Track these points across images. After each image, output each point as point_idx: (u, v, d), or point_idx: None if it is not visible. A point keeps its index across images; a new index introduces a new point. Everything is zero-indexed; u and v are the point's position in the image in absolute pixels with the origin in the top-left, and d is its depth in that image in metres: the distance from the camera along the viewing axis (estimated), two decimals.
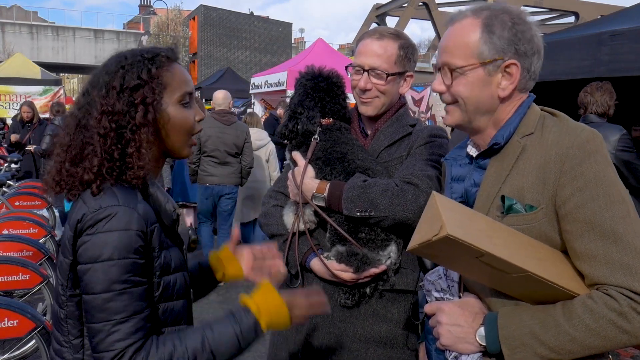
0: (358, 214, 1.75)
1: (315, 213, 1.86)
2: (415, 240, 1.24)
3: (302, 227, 1.90)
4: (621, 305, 1.11)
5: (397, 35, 1.96)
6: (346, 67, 2.04)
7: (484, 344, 1.25)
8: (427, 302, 1.51)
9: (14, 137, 8.61)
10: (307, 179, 1.86)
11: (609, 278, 1.15)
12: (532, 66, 1.33)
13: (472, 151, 1.46)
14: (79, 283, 1.27)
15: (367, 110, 1.96)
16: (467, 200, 1.43)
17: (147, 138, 1.31)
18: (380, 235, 1.81)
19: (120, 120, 1.29)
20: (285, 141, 2.01)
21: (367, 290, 1.84)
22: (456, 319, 1.29)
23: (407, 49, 1.95)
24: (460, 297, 1.43)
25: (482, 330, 1.26)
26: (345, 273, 1.79)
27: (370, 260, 1.78)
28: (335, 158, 1.86)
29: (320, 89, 1.93)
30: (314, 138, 1.91)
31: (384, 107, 1.97)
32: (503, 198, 1.28)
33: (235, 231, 1.71)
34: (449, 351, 1.34)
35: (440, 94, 1.41)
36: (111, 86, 1.31)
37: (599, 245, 1.17)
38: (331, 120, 1.95)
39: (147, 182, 1.37)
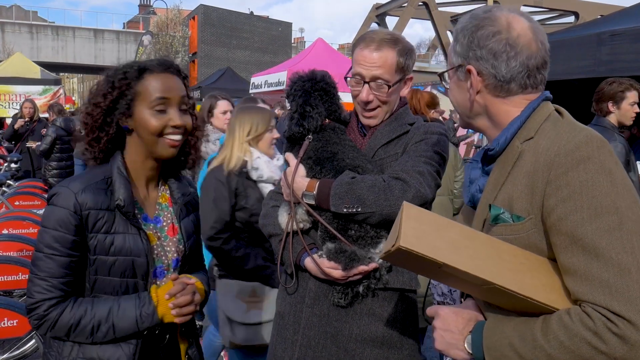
0: (345, 210, 1.75)
1: (308, 212, 1.86)
2: (382, 250, 1.26)
3: (296, 226, 1.90)
4: (596, 325, 1.05)
5: (394, 41, 1.92)
6: (345, 78, 2.00)
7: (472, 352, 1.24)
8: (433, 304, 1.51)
9: (19, 123, 8.59)
10: (298, 177, 1.86)
11: (587, 295, 1.09)
12: (500, 69, 1.29)
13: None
14: None
15: (371, 122, 1.97)
16: (475, 206, 1.42)
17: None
18: (369, 232, 1.80)
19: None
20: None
21: (361, 289, 1.84)
22: (448, 325, 1.29)
23: (406, 54, 1.93)
24: (461, 302, 1.42)
25: (470, 338, 1.25)
26: (335, 271, 1.79)
27: (359, 257, 1.78)
28: (326, 157, 1.87)
29: (320, 89, 1.95)
30: (307, 138, 1.92)
31: (387, 115, 1.98)
32: (490, 207, 1.27)
33: None
34: (445, 356, 1.35)
35: None
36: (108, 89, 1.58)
37: (580, 260, 1.11)
38: (327, 120, 1.96)
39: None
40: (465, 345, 1.25)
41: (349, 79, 1.97)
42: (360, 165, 1.87)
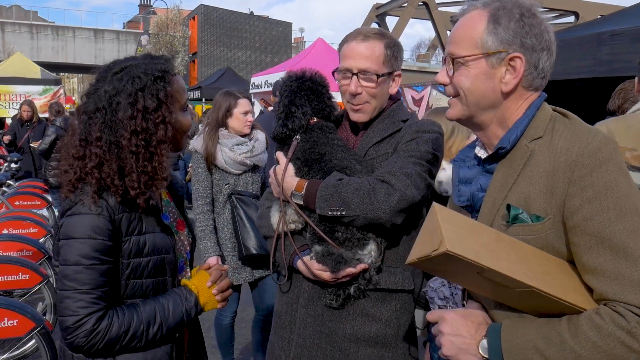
0: (330, 212, 1.73)
1: (297, 212, 1.85)
2: (414, 254, 1.21)
3: (287, 227, 1.89)
4: (630, 324, 1.07)
5: (382, 34, 1.92)
6: (333, 73, 1.98)
7: (487, 357, 1.21)
8: (430, 309, 1.49)
9: (6, 138, 8.63)
10: (288, 177, 1.86)
11: (617, 294, 1.10)
12: (541, 63, 1.27)
13: (481, 153, 1.40)
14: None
15: (360, 117, 1.93)
16: (473, 205, 1.39)
17: (167, 152, 1.54)
18: (356, 234, 1.78)
19: (148, 138, 1.50)
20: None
21: (352, 290, 1.83)
22: (458, 329, 1.25)
23: (394, 48, 1.91)
24: (464, 305, 1.40)
25: (484, 342, 1.22)
26: (324, 273, 1.78)
27: (345, 259, 1.76)
28: (313, 159, 1.86)
29: (307, 88, 1.94)
30: (295, 138, 1.91)
31: (376, 111, 1.93)
32: (509, 207, 1.23)
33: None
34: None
35: (444, 85, 1.38)
36: (136, 108, 1.48)
37: (608, 259, 1.11)
38: (315, 119, 1.95)
39: None
40: (480, 349, 1.22)
41: (336, 74, 1.94)
42: (349, 166, 1.84)
